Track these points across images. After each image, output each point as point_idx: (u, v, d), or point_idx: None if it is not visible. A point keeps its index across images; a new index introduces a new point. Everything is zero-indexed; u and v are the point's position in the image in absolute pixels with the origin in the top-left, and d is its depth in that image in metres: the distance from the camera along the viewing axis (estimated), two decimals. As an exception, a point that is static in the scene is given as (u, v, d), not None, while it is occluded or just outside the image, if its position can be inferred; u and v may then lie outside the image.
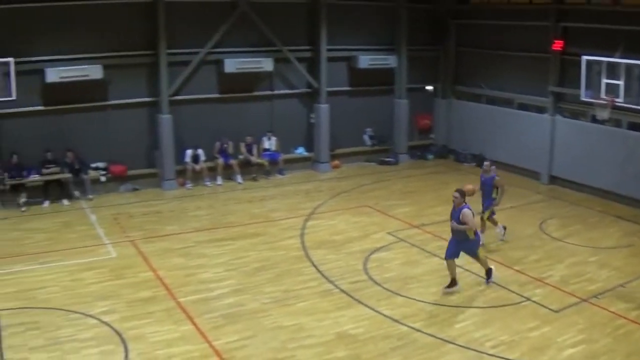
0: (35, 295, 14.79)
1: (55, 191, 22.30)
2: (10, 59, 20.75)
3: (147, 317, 13.73)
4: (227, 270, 16.35)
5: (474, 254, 15.06)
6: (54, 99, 22.65)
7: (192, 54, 24.42)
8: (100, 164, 23.57)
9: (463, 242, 14.71)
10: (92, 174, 23.24)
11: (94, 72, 22.48)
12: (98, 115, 23.60)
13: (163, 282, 15.50)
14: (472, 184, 16.83)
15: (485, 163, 18.32)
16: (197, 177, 24.42)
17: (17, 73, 20.90)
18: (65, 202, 22.13)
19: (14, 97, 20.98)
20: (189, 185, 24.11)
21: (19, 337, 12.80)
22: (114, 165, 23.68)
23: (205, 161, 24.49)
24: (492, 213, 18.12)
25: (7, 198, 21.73)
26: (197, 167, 24.17)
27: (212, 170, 24.61)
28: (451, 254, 14.79)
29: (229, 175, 25.01)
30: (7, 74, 20.72)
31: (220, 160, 24.70)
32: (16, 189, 21.76)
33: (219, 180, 24.60)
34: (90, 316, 13.75)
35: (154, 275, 15.93)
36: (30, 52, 21.82)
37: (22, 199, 21.59)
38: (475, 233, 14.87)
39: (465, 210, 14.41)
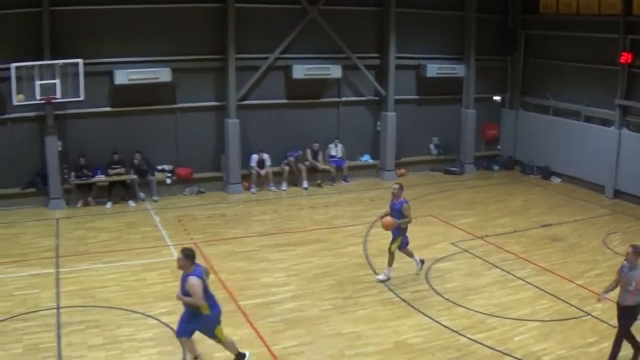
0: (97, 294, 14.89)
1: (119, 192, 22.54)
2: (80, 60, 21.04)
3: (207, 319, 13.65)
4: (289, 276, 16.20)
5: (211, 334, 11.47)
6: (123, 101, 22.89)
7: (261, 59, 24.36)
8: (167, 167, 23.71)
9: (196, 319, 11.16)
10: (158, 176, 23.39)
11: (163, 74, 22.62)
12: (166, 118, 23.76)
13: (224, 285, 15.42)
14: (390, 218, 15.45)
15: (395, 186, 15.70)
16: (262, 182, 24.35)
17: (86, 74, 21.20)
18: (131, 203, 22.32)
19: (82, 98, 21.28)
20: (253, 190, 24.07)
21: (78, 335, 12.89)
22: (180, 167, 23.77)
23: (271, 166, 24.35)
24: (405, 243, 15.87)
25: (72, 197, 22.13)
26: (263, 171, 24.11)
27: (278, 175, 24.49)
28: (182, 331, 11.46)
29: (294, 180, 24.87)
30: (76, 75, 21.00)
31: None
32: (81, 188, 22.15)
33: (284, 186, 24.51)
34: (151, 316, 13.77)
35: (215, 277, 15.78)
36: (99, 53, 22.09)
37: (80, 199, 22.16)
38: (213, 307, 11.21)
39: (191, 279, 10.75)
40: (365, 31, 25.95)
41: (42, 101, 20.90)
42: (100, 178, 22.23)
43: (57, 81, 20.85)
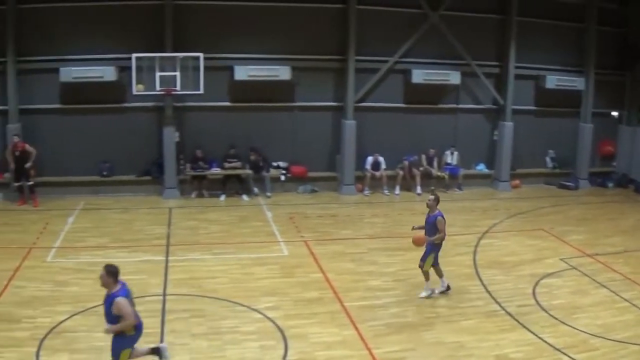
0: (204, 284, 14.93)
1: (234, 186, 22.75)
2: (200, 54, 21.33)
3: (311, 318, 13.44)
4: (395, 280, 15.78)
5: (114, 355, 10.12)
6: (241, 97, 23.17)
7: (380, 62, 24.08)
8: (282, 164, 23.77)
9: (117, 338, 10.07)
10: (273, 172, 23.47)
11: (283, 72, 22.69)
12: (283, 116, 23.86)
13: (331, 285, 15.17)
14: (421, 233, 14.81)
15: (430, 197, 14.81)
16: (375, 185, 24.03)
17: (206, 68, 21.48)
18: (245, 197, 22.48)
19: (202, 92, 21.51)
20: (367, 192, 23.78)
21: (182, 323, 12.93)
22: (294, 165, 23.78)
23: (386, 169, 24.01)
24: (435, 262, 14.85)
25: (186, 188, 22.55)
26: (377, 174, 23.79)
27: (392, 179, 24.12)
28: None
29: (407, 186, 24.45)
30: (197, 69, 21.26)
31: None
32: (196, 180, 22.57)
33: (397, 190, 24.11)
34: (256, 310, 13.66)
35: (323, 277, 15.63)
36: (220, 48, 22.41)
37: (194, 190, 22.64)
38: (138, 327, 10.19)
39: (119, 300, 9.78)
40: (485, 38, 25.20)
41: (162, 92, 21.33)
42: (215, 171, 22.55)
43: (177, 74, 21.25)
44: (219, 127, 23.02)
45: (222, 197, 22.37)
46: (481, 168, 26.16)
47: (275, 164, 23.70)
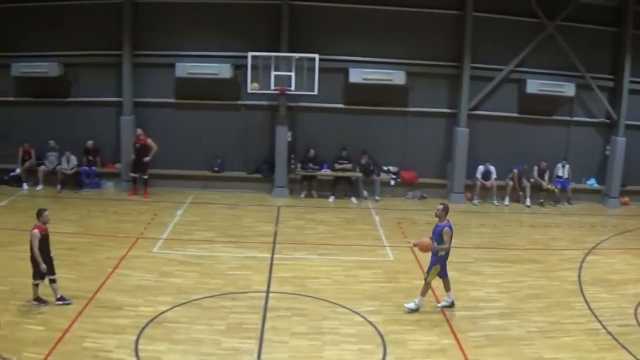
0: (308, 284, 14.81)
1: (343, 188, 22.60)
2: (316, 55, 21.24)
3: (412, 325, 13.09)
4: (499, 292, 15.23)
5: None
6: (355, 99, 22.98)
7: (495, 70, 23.37)
8: (392, 168, 23.42)
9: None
10: (383, 176, 23.17)
11: (397, 77, 22.38)
12: (396, 120, 23.50)
13: (434, 292, 14.77)
14: (427, 239, 14.01)
15: (438, 207, 14.12)
16: (485, 194, 23.40)
17: (321, 69, 21.40)
18: (353, 200, 22.34)
19: (316, 92, 21.43)
20: (476, 202, 23.18)
21: (283, 321, 12.84)
22: (405, 170, 23.40)
23: (496, 179, 23.35)
24: (443, 274, 14.01)
25: (296, 187, 22.54)
26: (487, 184, 23.18)
27: (501, 189, 23.45)
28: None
29: (516, 197, 23.74)
30: (312, 69, 21.20)
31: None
32: (306, 180, 22.54)
33: (507, 201, 23.38)
34: (357, 313, 13.42)
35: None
36: (335, 50, 22.30)
37: (303, 190, 22.65)
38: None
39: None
40: (601, 51, 23.87)
41: (276, 91, 21.37)
42: (326, 172, 22.47)
43: (292, 74, 21.27)
44: (331, 129, 22.96)
45: (331, 199, 22.27)
46: (592, 183, 24.96)
47: (385, 168, 23.38)
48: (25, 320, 12.76)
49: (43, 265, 13.22)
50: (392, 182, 23.25)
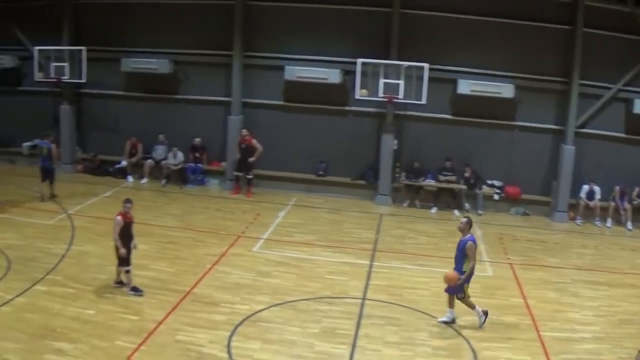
0: (404, 294, 14.71)
1: (446, 199, 22.39)
2: (425, 65, 21.06)
3: (505, 342, 12.84)
4: (596, 316, 14.71)
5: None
6: (462, 111, 22.74)
7: (603, 89, 22.48)
8: (496, 182, 23.00)
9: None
10: (486, 190, 22.78)
11: (506, 90, 21.97)
12: (502, 134, 23.06)
13: (530, 312, 14.43)
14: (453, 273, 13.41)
15: (462, 220, 13.74)
16: (588, 215, 22.67)
17: (430, 79, 21.17)
18: (456, 212, 22.05)
19: (424, 102, 21.24)
20: (578, 221, 22.50)
21: (377, 329, 12.83)
22: (509, 186, 22.96)
23: (600, 200, 22.63)
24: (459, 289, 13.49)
25: (399, 196, 22.36)
26: (591, 204, 22.49)
27: (604, 210, 22.72)
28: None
29: (618, 217, 22.92)
30: (421, 79, 21.04)
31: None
32: (410, 189, 22.31)
33: (609, 222, 22.56)
34: (451, 327, 13.26)
35: (523, 302, 14.90)
36: (444, 60, 22.08)
37: (406, 199, 22.44)
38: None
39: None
40: None
41: (384, 99, 21.29)
42: (429, 182, 22.26)
43: (401, 82, 21.12)
44: (437, 139, 22.76)
45: (434, 210, 22.08)
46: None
47: (489, 182, 22.99)
48: (120, 309, 13.13)
49: (122, 249, 13.70)
50: (496, 197, 22.83)
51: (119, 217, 13.86)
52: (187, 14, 23.57)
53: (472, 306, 13.45)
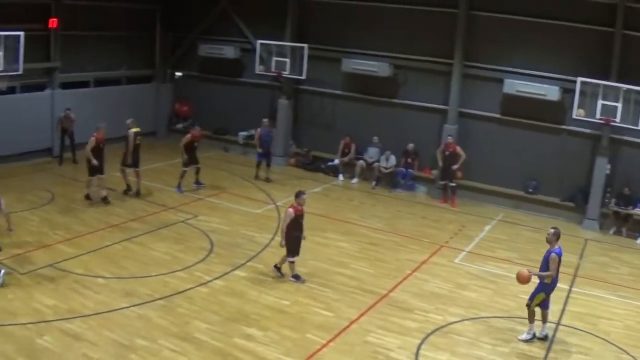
0: (599, 324, 14.43)
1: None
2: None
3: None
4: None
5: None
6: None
7: None
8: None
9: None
10: None
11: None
12: None
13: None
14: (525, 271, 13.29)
15: (549, 231, 13.30)
16: None
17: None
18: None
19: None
20: None
21: (566, 356, 12.79)
22: None
23: None
24: (545, 305, 13.39)
25: (606, 223, 21.71)
26: None
27: None
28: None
29: None
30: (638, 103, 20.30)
31: None
32: (618, 216, 21.59)
33: None
34: (642, 362, 12.87)
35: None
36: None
37: (613, 226, 21.61)
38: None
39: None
40: None
41: (601, 121, 20.79)
42: (638, 212, 21.34)
43: (619, 105, 20.47)
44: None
45: (639, 240, 21.18)
46: None
47: None
48: (315, 304, 13.93)
49: (283, 241, 14.65)
50: None
51: (291, 210, 14.76)
52: (411, 19, 24.16)
53: (531, 320, 13.35)
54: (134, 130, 20.95)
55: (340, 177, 25.08)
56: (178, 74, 30.46)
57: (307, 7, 26.16)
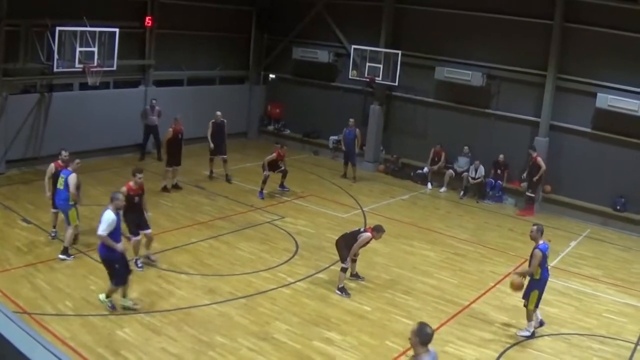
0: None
1: None
2: None
3: None
4: None
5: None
6: None
7: None
8: None
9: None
10: None
11: None
12: None
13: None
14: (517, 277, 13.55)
15: (532, 228, 13.80)
16: None
17: None
18: None
19: None
20: None
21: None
22: None
23: None
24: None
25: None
26: None
27: None
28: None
29: None
30: None
31: None
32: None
33: None
34: None
35: None
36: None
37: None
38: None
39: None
40: None
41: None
42: None
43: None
44: None
45: None
46: None
47: None
48: (396, 311, 14.16)
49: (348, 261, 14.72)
50: None
51: (367, 234, 14.77)
52: (506, 30, 24.00)
53: (529, 318, 13.42)
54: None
55: (429, 185, 25.20)
56: (272, 76, 31.01)
57: (401, 13, 26.33)
